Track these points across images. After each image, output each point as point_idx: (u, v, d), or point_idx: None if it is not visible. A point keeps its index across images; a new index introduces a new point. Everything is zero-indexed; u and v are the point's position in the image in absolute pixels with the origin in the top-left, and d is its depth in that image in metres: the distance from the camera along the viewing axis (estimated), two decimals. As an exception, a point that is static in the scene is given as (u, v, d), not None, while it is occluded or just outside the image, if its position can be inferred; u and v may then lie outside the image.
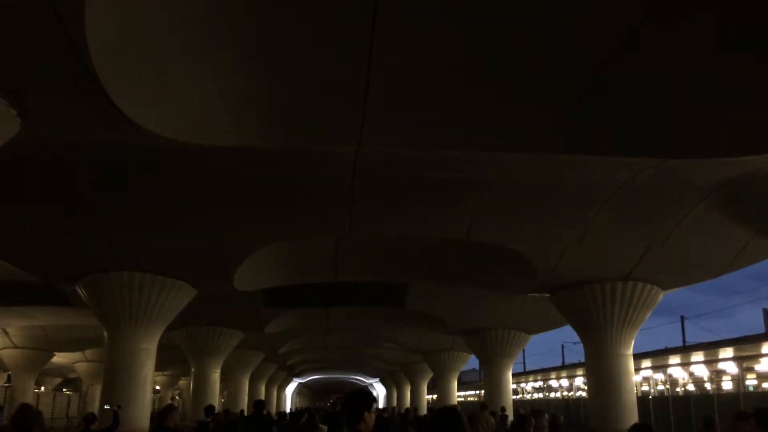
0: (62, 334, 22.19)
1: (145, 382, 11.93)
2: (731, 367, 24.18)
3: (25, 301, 16.91)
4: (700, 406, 21.40)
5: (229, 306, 15.95)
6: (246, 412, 20.30)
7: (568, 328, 14.12)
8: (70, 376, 39.58)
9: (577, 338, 13.40)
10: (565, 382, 39.91)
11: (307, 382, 58.90)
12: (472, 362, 28.86)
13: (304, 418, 11.06)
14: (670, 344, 27.00)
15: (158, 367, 17.07)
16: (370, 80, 5.23)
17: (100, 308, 11.93)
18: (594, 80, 5.23)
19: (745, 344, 20.70)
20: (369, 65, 5.00)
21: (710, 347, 22.57)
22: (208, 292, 13.02)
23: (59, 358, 27.69)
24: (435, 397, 38.20)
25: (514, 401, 27.03)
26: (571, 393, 38.84)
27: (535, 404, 36.38)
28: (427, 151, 7.23)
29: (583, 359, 13.80)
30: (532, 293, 12.93)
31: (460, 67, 5.27)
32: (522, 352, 35.12)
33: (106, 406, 10.80)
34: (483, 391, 22.29)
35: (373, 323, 20.96)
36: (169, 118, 5.74)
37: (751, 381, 25.37)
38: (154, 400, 30.06)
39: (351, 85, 5.39)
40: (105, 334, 12.05)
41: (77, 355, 28.69)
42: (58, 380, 43.04)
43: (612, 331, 11.80)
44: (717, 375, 26.82)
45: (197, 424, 13.10)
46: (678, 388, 29.99)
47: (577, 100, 5.58)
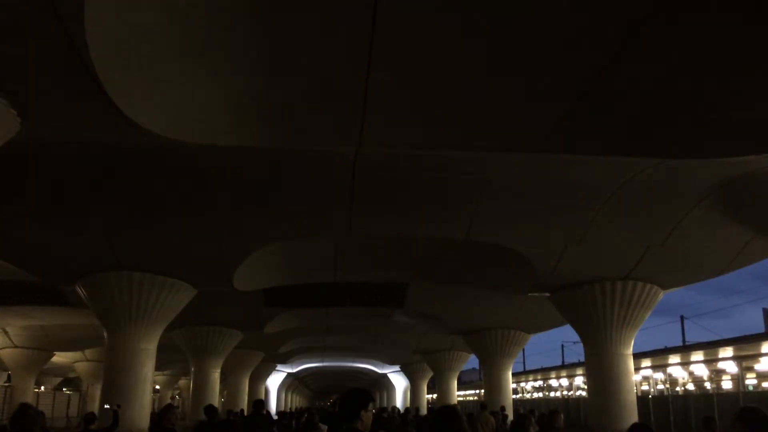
0: (62, 334, 22.19)
1: (145, 382, 11.92)
2: (731, 367, 24.18)
3: (25, 301, 16.92)
4: (700, 406, 21.40)
5: (229, 306, 15.95)
6: (246, 412, 20.31)
7: (568, 327, 14.10)
8: (70, 375, 39.61)
9: (577, 338, 13.40)
10: (564, 382, 39.90)
11: (305, 379, 58.88)
12: (472, 362, 28.88)
13: (304, 418, 11.06)
14: (670, 344, 27.03)
15: (158, 367, 17.07)
16: (370, 80, 5.23)
17: (100, 308, 11.92)
18: (594, 80, 5.23)
19: (744, 344, 20.70)
20: (369, 65, 5.00)
21: (710, 347, 22.57)
22: (208, 292, 13.02)
23: (59, 358, 27.69)
24: (435, 396, 38.19)
25: (514, 401, 27.03)
26: (571, 392, 38.84)
27: (535, 404, 36.40)
28: (427, 151, 7.22)
29: (582, 359, 13.79)
30: (532, 293, 12.91)
31: (460, 67, 5.27)
32: (522, 352, 35.18)
33: (106, 406, 10.80)
34: (483, 391, 22.28)
35: (373, 323, 20.96)
36: (169, 118, 5.74)
37: (751, 380, 25.36)
38: (154, 400, 30.05)
39: (351, 85, 5.39)
40: (105, 334, 12.05)
41: (77, 355, 28.72)
42: (58, 380, 43.06)
43: (612, 331, 11.80)
44: (717, 374, 26.82)
45: (197, 424, 13.08)
46: (678, 388, 29.98)
47: (577, 100, 5.58)
